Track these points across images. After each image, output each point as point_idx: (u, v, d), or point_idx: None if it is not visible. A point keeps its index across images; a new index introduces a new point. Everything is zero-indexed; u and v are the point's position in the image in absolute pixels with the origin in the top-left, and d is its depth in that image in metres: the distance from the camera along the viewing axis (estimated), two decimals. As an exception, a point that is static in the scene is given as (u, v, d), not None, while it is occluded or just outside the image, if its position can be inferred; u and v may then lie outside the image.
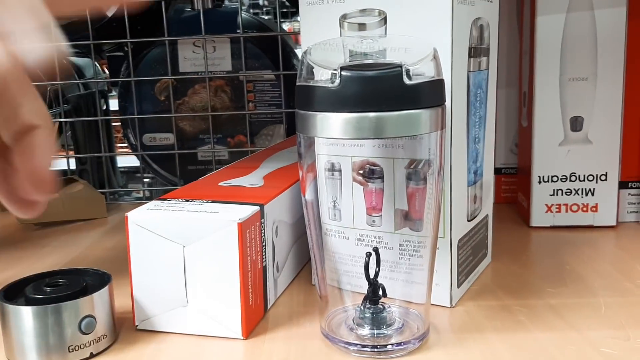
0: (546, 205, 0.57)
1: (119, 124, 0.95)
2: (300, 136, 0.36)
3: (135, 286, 0.38)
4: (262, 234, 0.40)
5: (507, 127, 0.66)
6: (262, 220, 0.39)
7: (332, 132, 0.33)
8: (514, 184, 0.65)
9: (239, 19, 0.76)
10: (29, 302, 0.36)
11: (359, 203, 0.41)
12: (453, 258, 0.41)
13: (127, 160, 1.12)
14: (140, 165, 0.82)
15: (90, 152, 0.88)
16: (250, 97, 0.80)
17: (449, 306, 0.41)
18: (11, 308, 0.35)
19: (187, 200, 0.40)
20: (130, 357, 0.36)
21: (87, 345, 0.36)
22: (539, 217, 0.57)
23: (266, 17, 0.83)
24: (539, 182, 0.57)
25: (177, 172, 0.80)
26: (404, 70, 0.31)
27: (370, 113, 0.32)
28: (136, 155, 0.84)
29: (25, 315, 0.35)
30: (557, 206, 0.57)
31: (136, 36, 0.76)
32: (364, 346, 0.36)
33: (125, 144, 1.17)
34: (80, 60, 1.06)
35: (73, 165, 0.88)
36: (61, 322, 0.35)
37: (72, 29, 0.81)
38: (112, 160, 0.95)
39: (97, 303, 0.36)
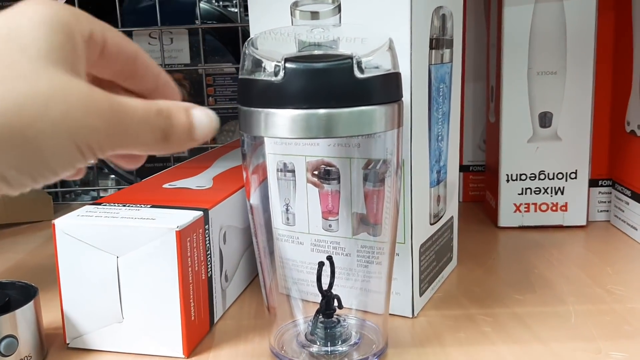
0: (514, 204, 0.55)
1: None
2: (245, 135, 0.33)
3: (65, 301, 0.35)
4: (207, 241, 0.36)
5: (475, 123, 0.63)
6: (207, 226, 0.36)
7: (278, 130, 0.30)
8: (481, 182, 0.63)
9: (197, 10, 0.72)
10: (-60, 322, 0.32)
11: (314, 206, 0.38)
12: (414, 265, 0.38)
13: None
14: (96, 163, 0.78)
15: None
16: (210, 92, 0.76)
17: (410, 316, 0.38)
18: None
19: (124, 205, 0.37)
20: (57, 380, 0.33)
21: (7, 368, 0.32)
22: (507, 217, 0.55)
23: (233, 10, 0.79)
24: (507, 181, 0.55)
25: (133, 170, 0.75)
26: (355, 62, 0.28)
27: (319, 110, 0.29)
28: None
29: None
30: (526, 205, 0.55)
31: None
32: (316, 364, 0.33)
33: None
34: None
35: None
36: (-24, 344, 0.31)
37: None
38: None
39: (20, 321, 0.32)
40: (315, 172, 0.38)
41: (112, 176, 1.15)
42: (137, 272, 0.34)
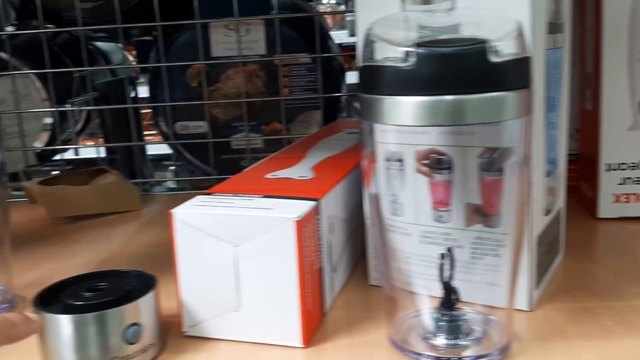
0: (614, 195, 0.53)
1: (148, 111, 0.92)
2: (365, 123, 0.32)
3: (182, 290, 0.35)
4: (319, 232, 0.36)
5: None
6: (318, 216, 0.36)
7: (402, 118, 0.29)
8: (574, 171, 0.61)
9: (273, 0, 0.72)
10: (67, 310, 0.32)
11: (424, 197, 0.37)
12: (533, 256, 0.37)
13: (153, 147, 1.09)
14: (173, 154, 0.79)
15: (120, 140, 0.85)
16: (285, 82, 0.76)
17: (527, 310, 0.37)
18: (48, 317, 0.32)
19: (235, 195, 0.37)
20: (179, 368, 0.33)
21: (133, 356, 0.33)
22: (606, 207, 0.53)
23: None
24: (607, 170, 0.52)
25: (210, 161, 0.76)
26: (489, 46, 0.27)
27: (446, 96, 0.28)
28: (168, 144, 0.81)
29: (64, 325, 0.32)
30: (626, 196, 0.53)
31: (166, 19, 0.73)
32: (437, 358, 0.32)
33: (152, 132, 1.14)
34: (105, 46, 1.04)
35: (101, 155, 0.85)
36: (104, 332, 0.32)
37: (99, 12, 0.78)
38: (142, 149, 0.92)
39: (143, 309, 0.33)
40: (425, 161, 0.37)
41: (171, 167, 1.17)
42: (255, 261, 0.34)
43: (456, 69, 0.28)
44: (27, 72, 0.77)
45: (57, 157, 0.87)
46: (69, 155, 0.86)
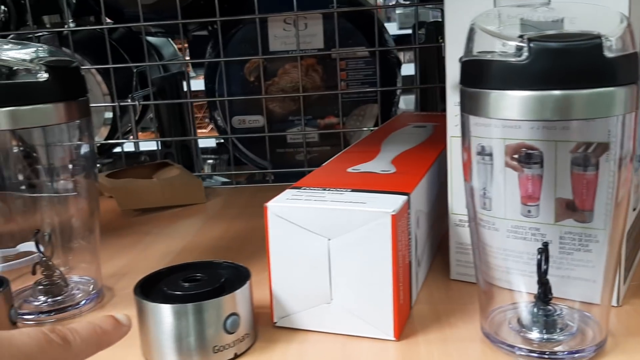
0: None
1: (199, 106, 0.94)
2: (465, 116, 0.32)
3: (274, 281, 0.36)
4: (409, 226, 0.36)
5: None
6: (409, 210, 0.36)
7: (508, 112, 0.29)
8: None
9: (333, -7, 0.72)
10: (168, 299, 0.33)
11: (512, 191, 0.37)
12: (622, 252, 0.36)
13: (201, 142, 1.11)
14: (230, 148, 0.80)
15: (175, 134, 0.86)
16: (342, 76, 0.76)
17: (615, 305, 0.37)
18: (150, 306, 0.33)
19: (324, 189, 0.37)
20: (275, 357, 0.34)
21: (231, 345, 0.33)
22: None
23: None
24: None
25: (267, 155, 0.77)
26: (604, 41, 0.27)
27: (554, 91, 0.28)
28: (224, 138, 0.82)
29: (165, 314, 0.33)
30: None
31: (224, 15, 0.73)
32: (531, 351, 0.32)
33: (204, 126, 1.15)
34: (157, 40, 1.05)
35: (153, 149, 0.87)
36: (205, 322, 0.32)
37: (158, 8, 0.79)
38: (196, 143, 0.93)
39: (239, 300, 0.34)
40: (515, 156, 0.37)
41: (209, 161, 1.18)
42: (348, 254, 0.34)
43: (570, 64, 0.27)
44: (89, 67, 0.78)
45: (117, 149, 0.89)
46: (127, 148, 0.88)
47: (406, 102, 1.11)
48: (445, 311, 0.38)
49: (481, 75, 0.29)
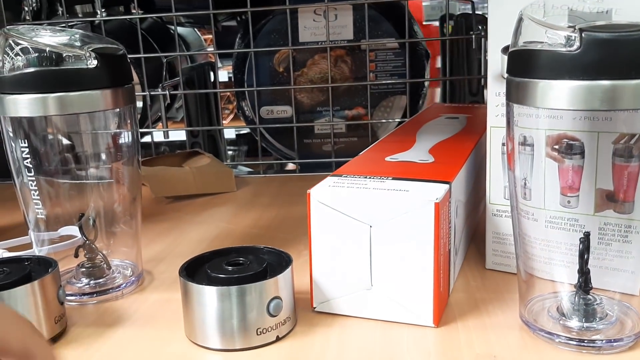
0: None
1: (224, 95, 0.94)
2: (511, 105, 0.33)
3: (315, 266, 0.36)
4: (449, 215, 0.36)
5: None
6: (450, 199, 0.36)
7: (556, 102, 0.29)
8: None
9: (364, -15, 0.72)
10: (212, 282, 0.34)
11: (552, 182, 0.37)
12: (663, 244, 0.36)
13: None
14: (259, 138, 0.80)
15: (201, 124, 0.87)
16: (371, 67, 0.76)
17: (651, 297, 0.37)
18: (196, 287, 0.34)
19: (366, 177, 0.37)
20: (317, 341, 0.34)
21: (274, 328, 0.34)
22: None
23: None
24: None
25: (294, 145, 0.78)
26: (658, 31, 0.27)
27: (604, 81, 0.28)
28: (251, 128, 0.83)
29: (210, 296, 0.33)
30: None
31: (255, 5, 0.74)
32: (570, 339, 0.33)
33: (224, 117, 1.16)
34: (183, 30, 1.06)
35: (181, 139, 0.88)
36: (247, 304, 0.33)
37: (189, -1, 0.80)
38: (221, 133, 0.94)
39: (282, 284, 0.34)
40: (556, 146, 0.37)
41: (229, 152, 1.18)
42: (390, 242, 0.34)
43: (621, 54, 0.27)
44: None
45: (147, 139, 0.90)
46: (157, 138, 0.89)
47: (432, 94, 1.11)
48: (482, 299, 0.38)
49: (530, 65, 0.30)
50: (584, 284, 0.33)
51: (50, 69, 0.37)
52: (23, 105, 0.37)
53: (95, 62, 0.37)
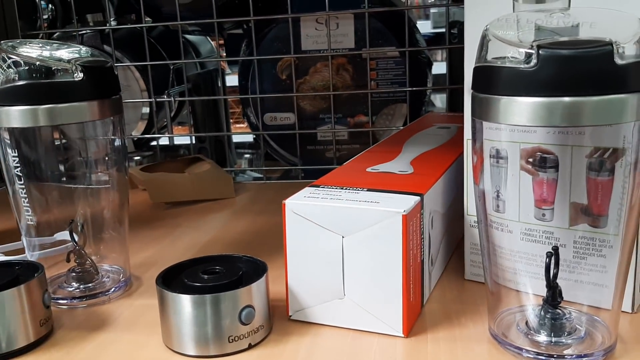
0: None
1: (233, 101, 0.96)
2: (476, 121, 0.33)
3: (290, 276, 0.37)
4: (421, 226, 0.37)
5: None
6: (422, 210, 0.37)
7: (517, 118, 0.30)
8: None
9: (364, -7, 0.73)
10: (187, 290, 0.35)
11: (526, 194, 0.38)
12: (638, 257, 0.36)
13: (238, 137, 1.13)
14: (262, 144, 0.82)
15: (209, 130, 0.89)
16: (372, 75, 0.77)
17: (630, 312, 0.37)
18: (171, 295, 0.35)
19: (342, 188, 0.38)
20: (287, 349, 0.35)
21: (246, 336, 0.35)
22: None
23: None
24: None
25: (297, 152, 0.79)
26: (616, 48, 0.27)
27: (564, 98, 0.28)
28: (255, 134, 0.84)
29: (185, 304, 0.34)
30: None
31: (258, 14, 0.75)
32: (538, 354, 0.33)
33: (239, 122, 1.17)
34: (195, 38, 1.08)
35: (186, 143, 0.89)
36: (221, 312, 0.34)
37: (195, 7, 0.81)
38: (229, 139, 0.95)
39: (255, 293, 0.35)
40: (530, 160, 0.37)
41: (246, 156, 1.20)
42: (361, 252, 0.35)
43: (580, 71, 0.28)
44: (129, 64, 0.81)
45: (153, 143, 0.92)
46: (162, 142, 0.91)
47: (442, 101, 1.11)
48: (456, 311, 0.38)
49: (491, 81, 0.30)
50: (552, 298, 0.33)
51: (40, 82, 0.38)
52: (14, 116, 0.39)
53: (81, 75, 0.38)
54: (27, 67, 0.38)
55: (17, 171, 0.40)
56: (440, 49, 0.89)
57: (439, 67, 0.93)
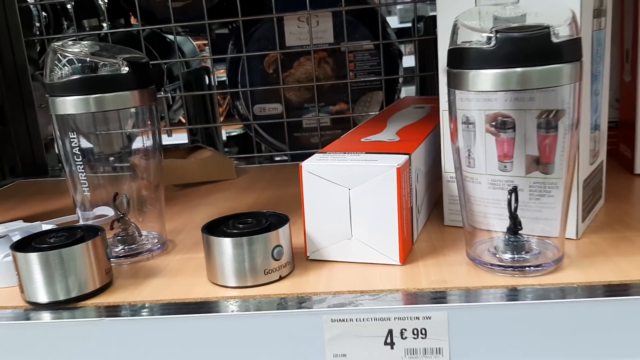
0: (648, 154, 0.62)
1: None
2: (452, 91, 0.42)
3: (307, 223, 0.46)
4: (410, 179, 0.46)
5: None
6: (410, 166, 0.46)
7: (483, 86, 0.39)
8: (614, 137, 0.70)
9: (342, -6, 0.82)
10: (227, 235, 0.44)
11: (491, 151, 0.47)
12: (579, 196, 0.46)
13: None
14: (253, 133, 0.90)
15: (199, 123, 0.97)
16: (351, 67, 0.86)
17: (575, 238, 0.47)
18: (216, 240, 0.43)
19: (345, 153, 0.47)
20: (310, 280, 0.44)
21: (277, 269, 0.44)
22: (641, 165, 0.62)
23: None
24: (642, 133, 0.61)
25: (285, 139, 0.87)
26: (552, 31, 0.37)
27: (517, 68, 0.38)
28: (245, 124, 0.92)
29: (227, 245, 0.43)
30: (659, 155, 0.61)
31: (245, 15, 0.83)
32: (505, 267, 0.43)
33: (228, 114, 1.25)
34: (179, 39, 1.15)
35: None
36: (257, 251, 0.43)
37: (186, 10, 0.89)
38: (218, 131, 1.04)
39: (282, 236, 0.44)
40: (493, 123, 0.47)
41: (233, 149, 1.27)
42: (364, 200, 0.44)
43: (527, 48, 0.37)
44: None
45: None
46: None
47: (407, 92, 1.21)
48: (440, 246, 0.48)
49: (462, 59, 0.40)
50: (514, 225, 0.43)
51: (91, 75, 0.46)
52: (70, 104, 0.47)
53: (126, 68, 0.46)
54: (79, 64, 0.46)
55: (76, 150, 0.48)
56: (410, 41, 0.98)
57: (408, 60, 1.03)
